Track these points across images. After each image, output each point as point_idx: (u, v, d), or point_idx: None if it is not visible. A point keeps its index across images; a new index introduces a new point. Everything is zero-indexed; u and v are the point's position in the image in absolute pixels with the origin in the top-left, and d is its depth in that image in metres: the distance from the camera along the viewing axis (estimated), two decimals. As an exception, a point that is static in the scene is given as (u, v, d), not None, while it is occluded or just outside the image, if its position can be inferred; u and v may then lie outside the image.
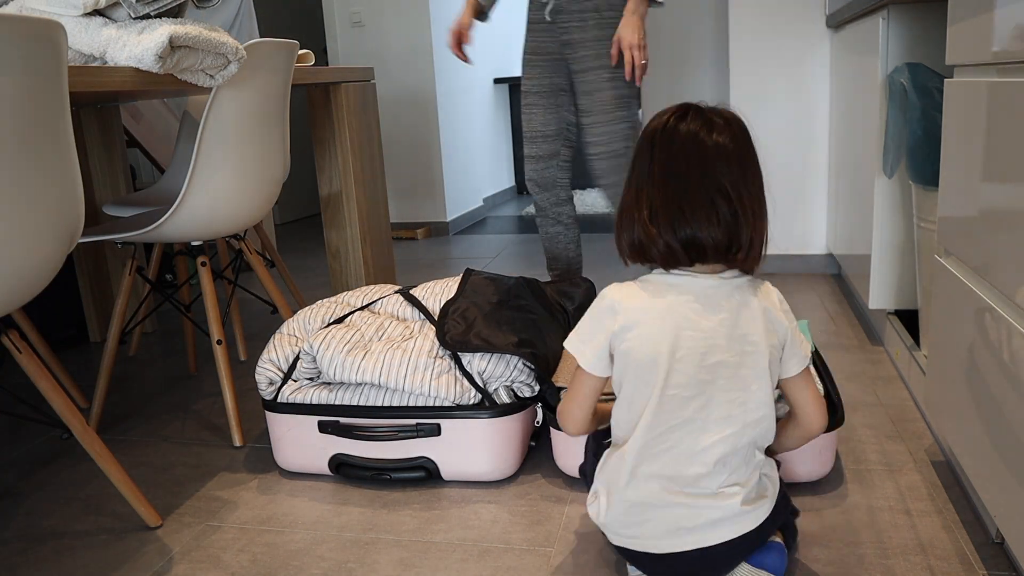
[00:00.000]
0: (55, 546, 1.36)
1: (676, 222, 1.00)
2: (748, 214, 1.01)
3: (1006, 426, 1.03)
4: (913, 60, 1.74)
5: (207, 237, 1.73)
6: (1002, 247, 1.04)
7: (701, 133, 1.02)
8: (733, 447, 1.01)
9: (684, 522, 1.01)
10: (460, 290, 1.66)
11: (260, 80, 1.70)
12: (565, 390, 1.41)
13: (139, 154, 3.63)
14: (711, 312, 1.02)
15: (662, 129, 1.05)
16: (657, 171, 1.03)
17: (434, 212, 4.21)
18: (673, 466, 1.02)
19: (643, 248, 1.04)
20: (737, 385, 1.01)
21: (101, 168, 2.46)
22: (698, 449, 1.01)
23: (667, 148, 1.03)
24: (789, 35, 2.69)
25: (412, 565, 1.23)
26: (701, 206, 1.00)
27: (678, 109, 1.06)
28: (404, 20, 3.99)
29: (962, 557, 1.16)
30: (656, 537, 1.02)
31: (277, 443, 1.56)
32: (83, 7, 1.48)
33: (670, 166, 1.02)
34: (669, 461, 1.02)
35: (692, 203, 1.00)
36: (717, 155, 1.01)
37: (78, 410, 1.35)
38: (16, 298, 1.18)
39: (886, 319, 1.99)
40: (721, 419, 1.01)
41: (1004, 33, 1.03)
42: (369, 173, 2.48)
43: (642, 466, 1.02)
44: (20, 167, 1.11)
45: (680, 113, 1.05)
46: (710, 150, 1.01)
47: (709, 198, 1.00)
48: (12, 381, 2.20)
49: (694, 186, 1.00)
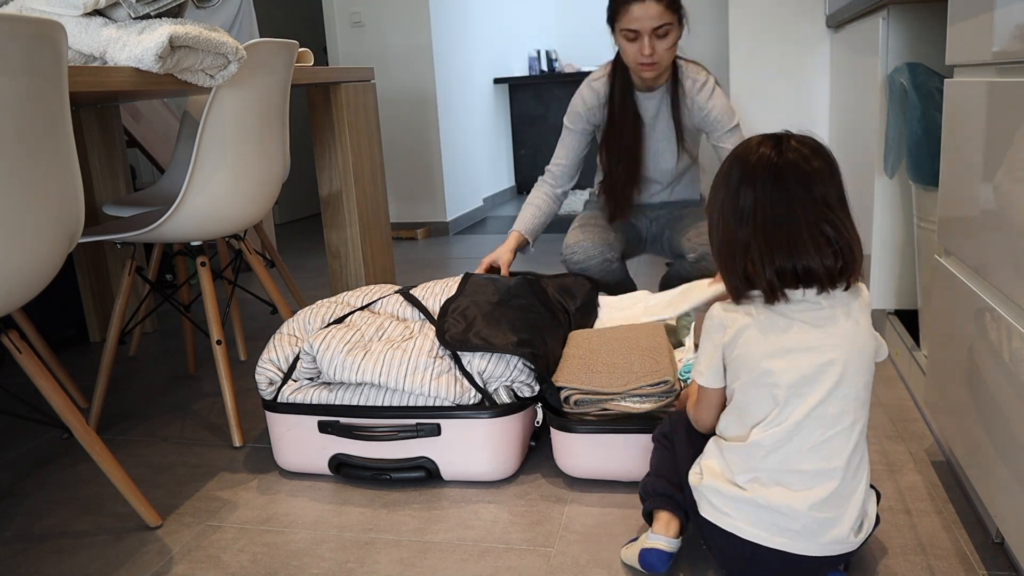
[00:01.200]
0: (55, 546, 1.36)
1: (782, 256, 1.00)
2: (848, 229, 1.02)
3: (1006, 426, 1.03)
4: (913, 60, 1.74)
5: (207, 237, 1.73)
6: (1002, 247, 1.04)
7: (791, 160, 1.02)
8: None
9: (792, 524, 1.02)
10: (460, 289, 1.66)
11: (260, 80, 1.70)
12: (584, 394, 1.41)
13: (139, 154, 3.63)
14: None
15: (747, 162, 1.04)
16: (757, 208, 1.02)
17: (434, 212, 4.21)
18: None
19: (751, 285, 1.04)
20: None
21: (101, 168, 2.46)
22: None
23: (754, 182, 1.02)
24: (789, 35, 2.69)
25: (412, 565, 1.23)
26: (808, 236, 1.00)
27: (759, 141, 1.05)
28: (404, 20, 3.99)
29: (962, 557, 1.16)
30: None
31: (277, 443, 1.56)
32: (83, 7, 1.48)
33: (766, 201, 1.01)
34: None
35: (799, 234, 1.00)
36: (813, 181, 1.01)
37: (78, 410, 1.35)
38: (16, 298, 1.18)
39: (886, 319, 1.99)
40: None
41: (1004, 33, 1.02)
42: (369, 173, 2.48)
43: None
44: (20, 167, 1.11)
45: (761, 145, 1.05)
46: (805, 177, 1.01)
47: (815, 226, 1.00)
48: (12, 381, 2.20)
49: (797, 217, 1.00)
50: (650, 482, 1.19)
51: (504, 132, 5.39)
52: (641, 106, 2.03)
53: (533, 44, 5.87)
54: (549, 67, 5.75)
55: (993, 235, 1.07)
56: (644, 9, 1.81)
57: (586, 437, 1.40)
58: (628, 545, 1.20)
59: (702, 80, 1.98)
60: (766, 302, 1.04)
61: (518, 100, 5.43)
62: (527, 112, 5.44)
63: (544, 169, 2.14)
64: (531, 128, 5.47)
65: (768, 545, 1.02)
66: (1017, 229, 0.99)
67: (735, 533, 1.04)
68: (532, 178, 5.53)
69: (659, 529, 1.14)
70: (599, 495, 1.41)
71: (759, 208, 1.01)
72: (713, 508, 1.06)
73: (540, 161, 5.49)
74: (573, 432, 1.40)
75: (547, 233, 4.01)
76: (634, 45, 1.86)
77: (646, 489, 1.19)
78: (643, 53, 1.85)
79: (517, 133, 5.50)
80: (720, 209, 1.07)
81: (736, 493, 1.04)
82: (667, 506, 1.15)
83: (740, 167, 1.05)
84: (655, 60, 1.86)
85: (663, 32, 1.83)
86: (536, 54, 5.66)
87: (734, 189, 1.04)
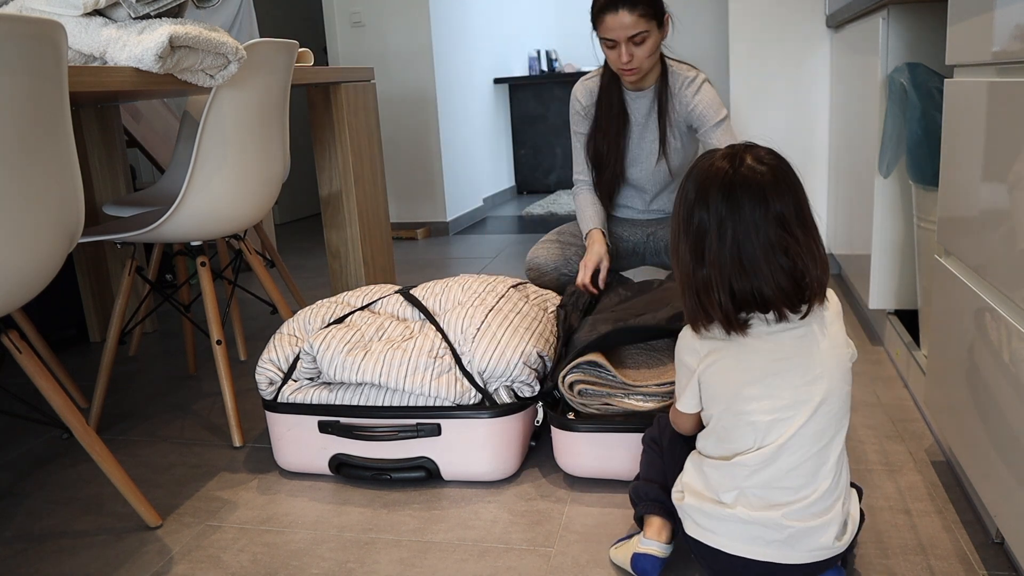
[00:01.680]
0: (55, 546, 1.36)
1: (734, 280, 0.96)
2: (808, 250, 0.96)
3: (1006, 426, 1.03)
4: (913, 60, 1.74)
5: (207, 237, 1.73)
6: (1002, 247, 1.04)
7: (744, 176, 0.97)
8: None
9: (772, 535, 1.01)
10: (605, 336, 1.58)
11: (260, 80, 1.70)
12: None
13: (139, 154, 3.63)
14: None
15: (702, 179, 0.99)
16: (710, 230, 0.97)
17: (434, 212, 4.21)
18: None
19: (706, 314, 0.99)
20: None
21: (101, 168, 2.46)
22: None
23: (708, 202, 0.98)
24: (789, 35, 2.69)
25: (412, 565, 1.23)
26: (763, 258, 0.95)
27: (720, 154, 1.01)
28: (404, 20, 3.99)
29: (962, 557, 1.16)
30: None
31: (277, 443, 1.56)
32: (83, 7, 1.48)
33: (718, 221, 0.97)
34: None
35: (752, 255, 0.95)
36: (768, 198, 0.96)
37: (78, 410, 1.35)
38: (16, 298, 1.18)
39: (886, 319, 1.99)
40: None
41: (1004, 33, 1.03)
42: (369, 173, 2.48)
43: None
44: (20, 167, 1.11)
45: (717, 159, 1.00)
46: (760, 194, 0.96)
47: (769, 248, 0.95)
48: (12, 381, 2.20)
49: (750, 238, 0.95)
50: (641, 486, 1.19)
51: (504, 132, 5.38)
52: (631, 106, 2.04)
53: (533, 44, 5.87)
54: (549, 67, 5.75)
55: (993, 235, 1.07)
56: (617, 19, 1.82)
57: (587, 436, 1.40)
58: (617, 546, 1.19)
59: (690, 77, 1.98)
60: (726, 332, 1.00)
61: (518, 100, 5.43)
62: (527, 112, 5.44)
63: (573, 180, 2.14)
64: (531, 128, 5.47)
65: (755, 559, 1.02)
66: (1017, 229, 0.99)
67: (721, 550, 1.03)
68: (532, 178, 5.53)
69: (652, 535, 1.13)
70: (599, 495, 1.41)
71: (712, 229, 0.97)
72: (697, 526, 1.06)
73: (540, 161, 5.49)
74: (574, 431, 1.40)
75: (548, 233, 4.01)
76: (613, 52, 1.88)
77: (637, 493, 1.19)
78: (621, 60, 1.87)
79: (517, 133, 5.50)
80: (676, 231, 1.02)
81: (719, 512, 1.03)
82: (658, 511, 1.14)
83: (694, 185, 1.00)
84: (634, 66, 1.88)
85: (639, 40, 1.84)
86: (536, 54, 5.67)
87: (688, 209, 1.00)
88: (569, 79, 5.29)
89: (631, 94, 2.03)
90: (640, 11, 1.81)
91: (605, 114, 2.03)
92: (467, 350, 1.49)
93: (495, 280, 1.76)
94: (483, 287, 1.70)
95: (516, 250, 3.64)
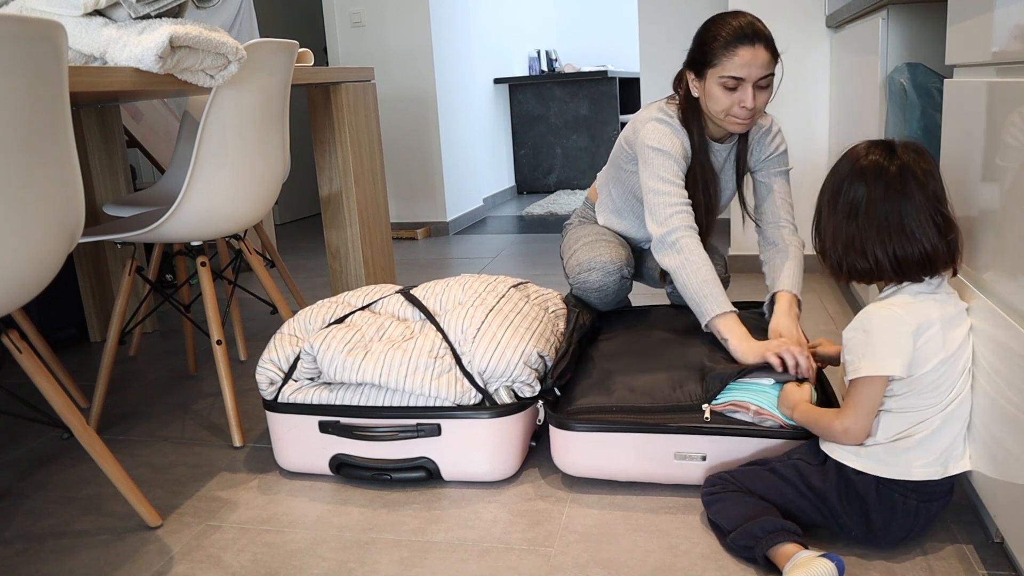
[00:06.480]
0: (55, 546, 1.36)
1: (905, 244, 1.13)
2: (954, 220, 1.14)
3: (1006, 427, 1.03)
4: (913, 60, 1.75)
5: (207, 237, 1.73)
6: (1001, 247, 1.04)
7: (906, 163, 1.14)
8: None
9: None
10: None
11: (260, 80, 1.70)
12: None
13: (139, 154, 3.63)
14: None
15: (866, 166, 1.16)
16: (874, 203, 1.15)
17: (434, 212, 4.21)
18: None
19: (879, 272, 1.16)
20: None
21: (101, 168, 2.46)
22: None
23: (878, 182, 1.15)
24: (789, 35, 2.69)
25: (412, 565, 1.23)
26: (925, 222, 1.13)
27: (867, 147, 1.18)
28: (404, 20, 3.99)
29: (962, 557, 1.16)
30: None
31: (277, 443, 1.56)
32: (83, 7, 1.48)
33: (885, 197, 1.14)
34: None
35: (917, 220, 1.13)
36: (924, 176, 1.14)
37: (78, 410, 1.35)
38: (16, 298, 1.18)
39: (886, 319, 1.98)
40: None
41: (1003, 33, 1.03)
42: (369, 173, 2.48)
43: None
44: (20, 167, 1.11)
45: (871, 149, 1.18)
46: (921, 176, 1.14)
47: (931, 217, 1.13)
48: (12, 381, 2.20)
49: (919, 209, 1.13)
50: (752, 527, 1.14)
51: (504, 132, 5.39)
52: (713, 156, 1.77)
53: (533, 44, 5.88)
54: (549, 67, 5.75)
55: (992, 235, 1.08)
56: (754, 55, 1.55)
57: (586, 436, 1.40)
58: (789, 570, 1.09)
59: (765, 126, 1.77)
60: (912, 280, 1.15)
61: (518, 100, 5.43)
62: (527, 112, 5.44)
63: (662, 220, 1.65)
64: (531, 128, 5.47)
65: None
66: (1016, 229, 0.99)
67: (895, 478, 1.14)
68: (532, 178, 5.53)
69: (804, 561, 1.07)
70: (599, 495, 1.41)
71: (875, 206, 1.14)
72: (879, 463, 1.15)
73: (540, 161, 5.49)
74: (573, 431, 1.40)
75: (548, 233, 4.01)
76: (732, 95, 1.58)
77: (750, 534, 1.14)
78: (743, 105, 1.58)
79: (517, 133, 5.50)
80: (847, 214, 1.17)
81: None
82: (790, 539, 1.12)
83: (853, 167, 1.18)
84: (754, 113, 1.61)
85: (765, 84, 1.58)
86: (536, 54, 5.67)
87: (847, 186, 1.18)
88: (569, 79, 5.29)
89: (715, 145, 1.76)
90: (772, 51, 1.58)
91: (700, 170, 1.72)
92: (467, 350, 1.49)
93: (496, 280, 1.76)
94: (483, 287, 1.70)
95: (516, 250, 3.64)
